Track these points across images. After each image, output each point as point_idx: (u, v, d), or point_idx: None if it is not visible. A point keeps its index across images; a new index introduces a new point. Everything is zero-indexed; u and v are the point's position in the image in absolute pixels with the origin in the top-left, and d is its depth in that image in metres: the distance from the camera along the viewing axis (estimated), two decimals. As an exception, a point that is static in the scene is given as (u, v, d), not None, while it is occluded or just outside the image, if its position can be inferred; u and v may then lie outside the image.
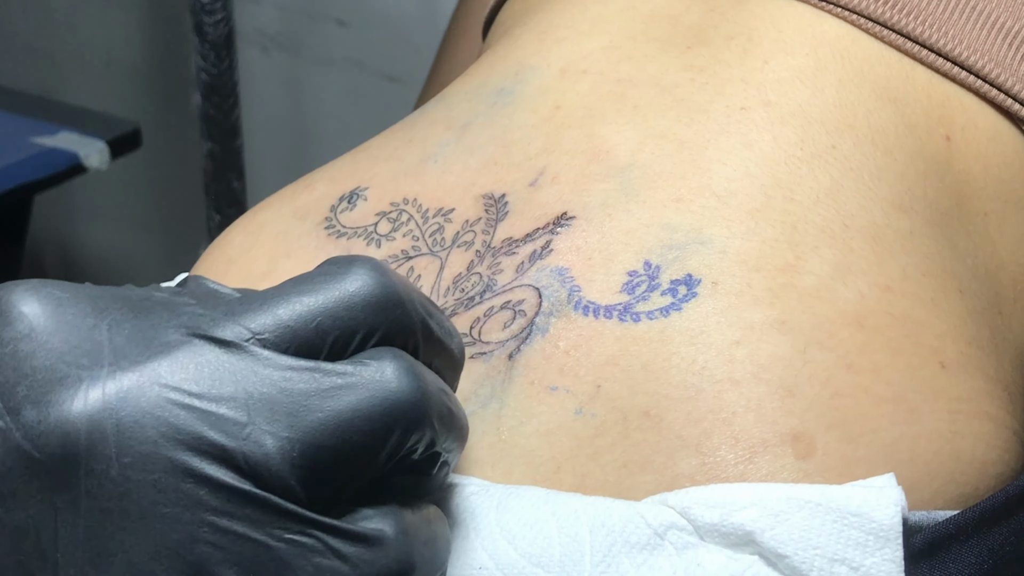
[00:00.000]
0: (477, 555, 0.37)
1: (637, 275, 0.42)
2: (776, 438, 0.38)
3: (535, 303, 0.42)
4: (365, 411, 0.32)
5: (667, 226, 0.42)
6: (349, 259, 0.33)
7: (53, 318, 0.31)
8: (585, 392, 0.40)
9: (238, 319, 0.32)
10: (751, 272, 0.41)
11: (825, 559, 0.34)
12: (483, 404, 0.41)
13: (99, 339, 0.31)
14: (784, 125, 0.44)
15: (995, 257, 0.45)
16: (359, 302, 0.33)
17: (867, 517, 0.34)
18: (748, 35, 0.47)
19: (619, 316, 0.41)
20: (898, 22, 0.47)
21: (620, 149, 0.45)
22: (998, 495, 0.39)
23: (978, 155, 0.46)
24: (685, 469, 0.38)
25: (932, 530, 0.38)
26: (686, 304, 0.40)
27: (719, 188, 0.43)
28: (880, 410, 0.39)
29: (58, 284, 0.32)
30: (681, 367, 0.39)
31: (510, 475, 0.40)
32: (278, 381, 0.31)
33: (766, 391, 0.38)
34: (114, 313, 0.32)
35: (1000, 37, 0.47)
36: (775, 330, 0.40)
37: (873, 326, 0.40)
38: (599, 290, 0.42)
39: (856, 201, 0.43)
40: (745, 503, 0.35)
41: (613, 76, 0.48)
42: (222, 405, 0.30)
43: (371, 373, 0.32)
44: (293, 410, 0.31)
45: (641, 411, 0.39)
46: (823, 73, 0.46)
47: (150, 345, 0.31)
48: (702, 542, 0.36)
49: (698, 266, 0.41)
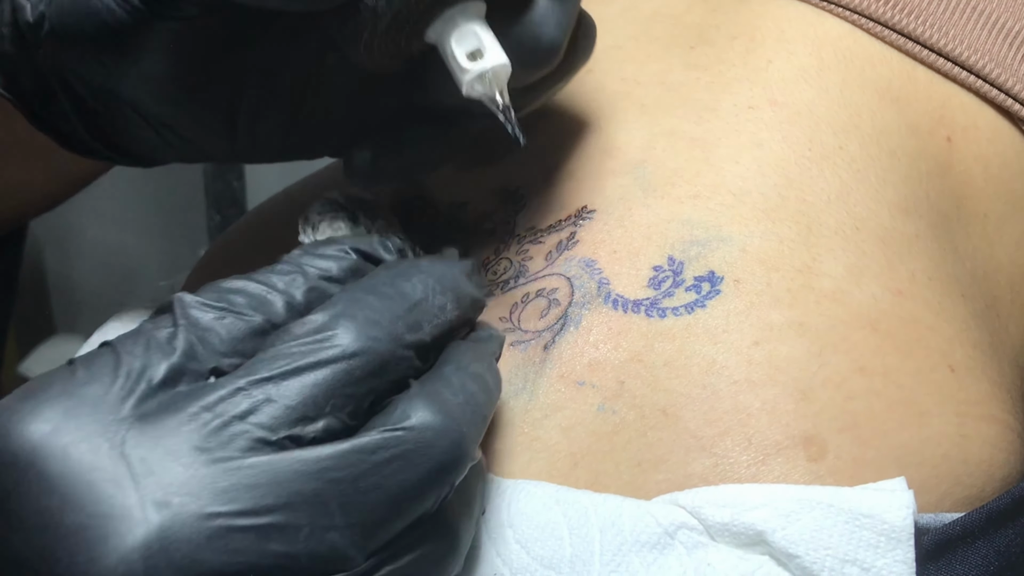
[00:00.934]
0: (491, 561, 0.37)
1: (662, 270, 0.42)
2: (789, 441, 0.38)
3: (568, 293, 0.43)
4: (414, 481, 0.32)
5: (687, 222, 0.43)
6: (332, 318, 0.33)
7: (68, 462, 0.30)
8: (609, 388, 0.40)
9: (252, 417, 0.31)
10: (770, 272, 0.41)
11: (836, 559, 0.35)
12: (515, 394, 0.41)
13: (121, 477, 0.30)
14: (792, 125, 0.44)
15: (993, 259, 0.46)
16: (357, 375, 0.32)
17: (879, 519, 0.35)
18: (751, 35, 0.48)
19: (646, 311, 0.41)
20: (899, 22, 0.47)
21: (630, 146, 0.45)
22: (1004, 497, 0.39)
23: (978, 156, 0.46)
24: (698, 469, 0.38)
25: (939, 532, 0.38)
26: (710, 301, 0.41)
27: (734, 186, 0.43)
28: (891, 413, 0.39)
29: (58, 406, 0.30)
30: (701, 366, 0.40)
31: (528, 468, 0.40)
32: (319, 474, 0.31)
33: (781, 393, 0.39)
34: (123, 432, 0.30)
35: (1001, 37, 0.47)
36: (793, 332, 0.40)
37: (886, 330, 0.40)
38: (626, 283, 0.42)
39: (865, 204, 0.43)
40: (756, 503, 0.36)
41: (618, 75, 0.48)
42: (273, 515, 0.30)
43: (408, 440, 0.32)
44: (345, 500, 0.31)
45: (659, 409, 0.39)
46: (827, 73, 0.46)
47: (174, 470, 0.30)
48: (712, 542, 0.36)
49: (720, 263, 0.41)
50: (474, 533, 0.35)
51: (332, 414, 0.32)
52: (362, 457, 0.31)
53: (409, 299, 0.35)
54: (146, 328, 0.33)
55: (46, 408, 0.30)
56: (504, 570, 0.37)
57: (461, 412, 0.33)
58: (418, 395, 0.33)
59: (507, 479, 0.39)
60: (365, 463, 0.31)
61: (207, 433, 0.30)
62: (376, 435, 0.32)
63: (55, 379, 0.31)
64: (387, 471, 0.31)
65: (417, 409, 0.32)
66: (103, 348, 0.33)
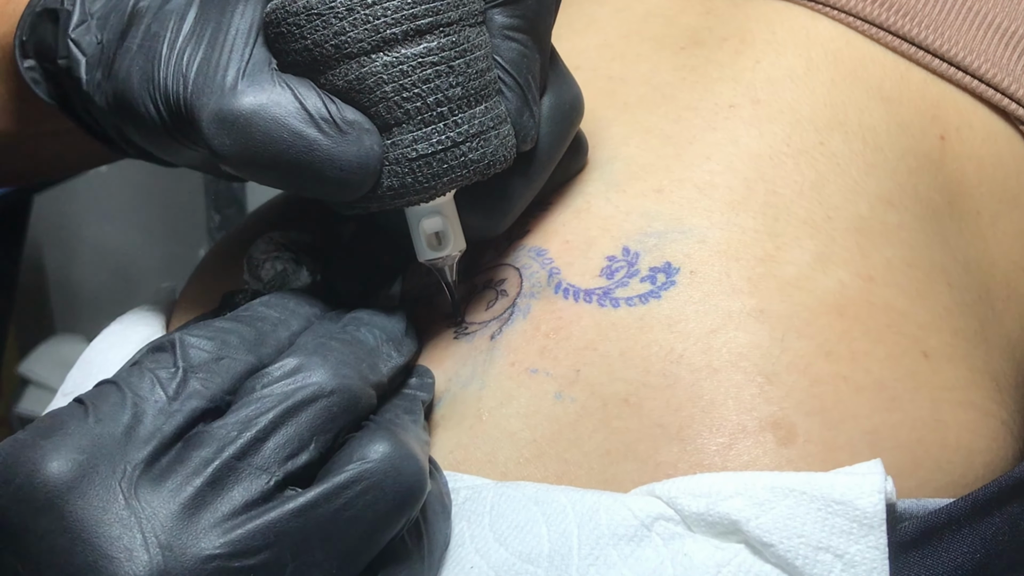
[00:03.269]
0: (469, 556, 0.37)
1: (616, 260, 0.42)
2: (755, 425, 0.38)
3: (516, 283, 0.43)
4: (387, 510, 0.34)
5: (646, 214, 0.43)
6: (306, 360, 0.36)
7: (82, 503, 0.32)
8: (564, 376, 0.40)
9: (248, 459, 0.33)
10: (730, 261, 0.41)
11: (810, 547, 0.34)
12: (464, 385, 0.41)
13: (129, 521, 0.32)
14: (772, 122, 0.44)
15: (987, 254, 0.45)
16: (335, 411, 0.35)
17: (851, 505, 0.34)
18: (741, 36, 0.48)
19: (599, 300, 0.41)
20: (893, 23, 0.47)
21: (606, 144, 0.45)
22: (991, 485, 0.39)
23: (972, 155, 0.46)
24: (667, 457, 0.38)
25: (924, 519, 0.38)
26: (665, 292, 0.41)
27: (700, 180, 0.43)
28: (860, 397, 0.39)
29: (76, 447, 0.33)
30: (659, 355, 0.39)
31: (494, 457, 0.40)
32: (302, 512, 0.33)
33: (744, 379, 0.39)
34: (135, 476, 0.33)
35: (997, 37, 0.47)
36: (752, 319, 0.40)
37: (853, 315, 0.40)
38: (579, 273, 0.42)
39: (841, 194, 0.43)
40: (731, 492, 0.35)
41: (605, 74, 0.48)
42: (260, 555, 0.32)
43: (378, 471, 0.34)
44: (325, 536, 0.33)
45: (620, 398, 0.39)
46: (815, 73, 0.46)
47: (175, 516, 0.32)
48: (689, 532, 0.36)
49: (676, 254, 0.41)
50: (438, 552, 0.38)
51: (315, 448, 0.34)
52: (339, 492, 0.33)
53: (365, 345, 0.38)
54: (148, 366, 0.35)
55: (66, 449, 0.32)
56: (481, 563, 0.37)
57: (414, 445, 0.36)
58: (376, 431, 0.35)
59: (488, 484, 0.39)
60: (342, 498, 0.33)
61: (206, 479, 0.33)
62: (351, 471, 0.34)
63: (69, 418, 0.34)
64: (362, 503, 0.33)
65: (379, 443, 0.34)
66: (109, 387, 0.35)
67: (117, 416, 0.33)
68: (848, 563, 0.34)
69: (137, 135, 0.41)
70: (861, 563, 0.34)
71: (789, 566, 0.35)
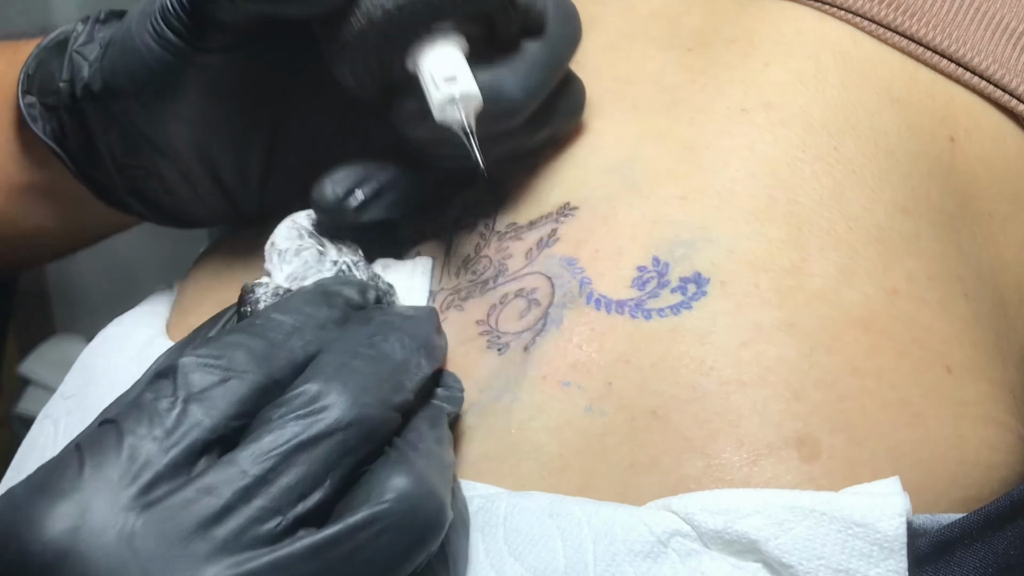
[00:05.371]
0: (485, 572, 0.37)
1: (646, 271, 0.41)
2: (781, 441, 0.37)
3: (548, 293, 0.42)
4: (403, 550, 0.33)
5: (673, 223, 0.42)
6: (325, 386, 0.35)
7: (80, 562, 0.31)
8: (596, 389, 0.40)
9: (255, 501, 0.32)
10: (758, 272, 0.41)
11: (829, 570, 0.34)
12: (496, 397, 0.41)
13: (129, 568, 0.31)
14: (785, 127, 0.44)
15: (999, 259, 0.45)
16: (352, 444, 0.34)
17: (872, 528, 0.34)
18: (749, 38, 0.47)
19: (631, 312, 0.41)
20: (900, 24, 0.46)
21: (619, 145, 0.45)
22: (1003, 499, 0.39)
23: (982, 156, 0.45)
24: (690, 471, 0.37)
25: (936, 534, 0.37)
26: (696, 303, 0.40)
27: (721, 188, 0.43)
28: (885, 414, 0.38)
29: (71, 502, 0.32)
30: (690, 367, 0.39)
31: (517, 470, 0.39)
32: (315, 554, 0.32)
33: (772, 394, 0.38)
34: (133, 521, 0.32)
35: (1005, 38, 0.47)
36: (782, 332, 0.39)
37: (879, 329, 0.40)
38: (610, 283, 0.41)
39: (860, 203, 0.43)
40: (749, 510, 0.35)
41: (610, 74, 0.48)
42: None
43: (394, 512, 0.33)
44: None
45: (649, 411, 0.39)
46: (825, 75, 0.45)
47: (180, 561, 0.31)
48: (706, 549, 0.36)
49: (706, 264, 0.41)
50: (462, 569, 0.37)
51: (330, 485, 0.33)
52: (353, 534, 0.32)
53: (392, 360, 0.36)
54: (147, 400, 0.34)
55: (61, 506, 0.32)
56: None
57: (434, 476, 0.35)
58: (394, 465, 0.34)
59: (501, 493, 0.39)
60: (356, 540, 0.32)
61: (210, 518, 0.32)
62: (365, 512, 0.33)
63: (64, 472, 0.33)
64: (377, 545, 0.32)
65: (396, 479, 0.33)
66: (107, 428, 0.34)
67: (112, 460, 0.33)
68: (868, 586, 0.34)
69: (138, 99, 0.40)
70: (881, 586, 0.34)
71: (809, 588, 0.34)
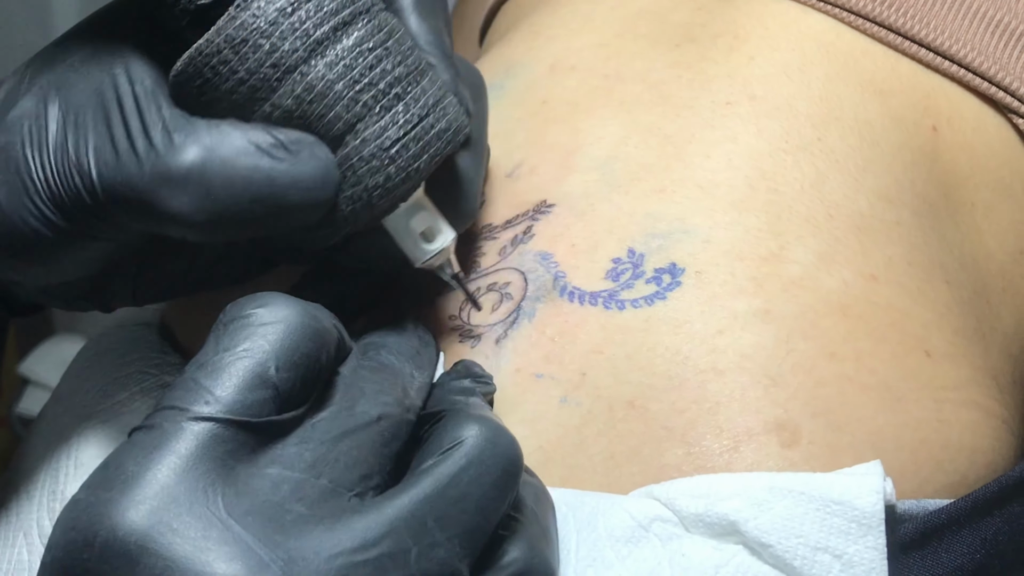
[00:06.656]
0: None
1: (621, 262, 0.42)
2: (761, 427, 0.37)
3: (521, 286, 0.42)
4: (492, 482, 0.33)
5: (650, 215, 0.42)
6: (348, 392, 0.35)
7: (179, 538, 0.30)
8: (570, 380, 0.40)
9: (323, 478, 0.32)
10: (734, 261, 0.41)
11: (808, 547, 0.34)
12: None
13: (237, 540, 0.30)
14: (769, 119, 0.44)
15: (983, 247, 0.45)
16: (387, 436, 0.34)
17: (849, 505, 0.34)
18: (735, 32, 0.48)
19: (604, 303, 0.41)
20: (880, 15, 0.47)
21: (603, 142, 0.45)
22: (991, 485, 0.39)
23: (964, 145, 0.46)
24: (671, 460, 0.38)
25: (924, 520, 0.37)
26: (670, 293, 0.40)
27: (702, 179, 0.43)
28: (865, 398, 0.39)
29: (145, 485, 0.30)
30: (665, 357, 0.39)
31: None
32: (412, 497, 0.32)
33: (749, 380, 0.38)
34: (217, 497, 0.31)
35: (983, 27, 0.47)
36: (758, 319, 0.39)
37: (857, 315, 0.40)
38: (584, 276, 0.42)
39: (841, 191, 0.43)
40: (729, 493, 0.35)
41: (601, 72, 0.48)
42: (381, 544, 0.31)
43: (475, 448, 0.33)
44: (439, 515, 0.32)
45: (626, 401, 0.39)
46: (809, 68, 0.46)
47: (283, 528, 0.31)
48: (687, 532, 0.36)
49: (682, 255, 0.41)
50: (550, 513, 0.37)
51: (380, 473, 0.34)
52: (444, 472, 0.32)
53: (392, 369, 0.37)
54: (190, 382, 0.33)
55: (136, 491, 0.30)
56: None
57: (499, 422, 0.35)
58: (459, 416, 0.34)
59: None
60: (447, 477, 0.32)
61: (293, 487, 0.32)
62: (449, 454, 0.33)
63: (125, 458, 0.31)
64: (467, 479, 0.32)
65: (466, 425, 0.33)
66: (164, 410, 0.32)
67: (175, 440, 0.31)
68: (847, 563, 0.34)
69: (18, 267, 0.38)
70: (859, 563, 0.34)
71: (787, 566, 0.34)
